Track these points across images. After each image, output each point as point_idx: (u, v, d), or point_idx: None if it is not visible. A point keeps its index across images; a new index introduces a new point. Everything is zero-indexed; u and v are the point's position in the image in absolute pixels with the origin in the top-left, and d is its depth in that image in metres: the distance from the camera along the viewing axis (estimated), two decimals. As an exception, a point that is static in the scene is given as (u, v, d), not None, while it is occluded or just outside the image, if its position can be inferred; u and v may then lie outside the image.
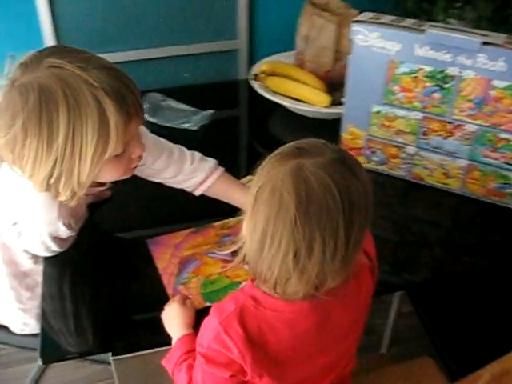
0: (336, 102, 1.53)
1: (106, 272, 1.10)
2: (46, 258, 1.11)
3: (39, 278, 1.19)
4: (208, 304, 1.00)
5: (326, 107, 1.48)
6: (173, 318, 0.94)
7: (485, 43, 1.11)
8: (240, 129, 1.65)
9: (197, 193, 1.15)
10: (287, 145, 0.78)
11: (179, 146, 1.15)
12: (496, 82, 1.13)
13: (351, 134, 1.34)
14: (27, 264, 1.18)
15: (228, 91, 1.79)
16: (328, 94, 1.54)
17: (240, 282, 1.05)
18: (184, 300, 0.96)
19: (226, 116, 1.66)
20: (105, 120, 0.83)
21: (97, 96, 0.82)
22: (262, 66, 1.59)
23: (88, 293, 1.06)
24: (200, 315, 0.95)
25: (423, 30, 1.15)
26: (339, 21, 1.54)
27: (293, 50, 1.71)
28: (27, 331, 1.26)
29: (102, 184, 1.05)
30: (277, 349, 0.81)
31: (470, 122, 1.20)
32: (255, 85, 1.55)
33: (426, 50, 1.16)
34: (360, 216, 0.73)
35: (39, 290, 1.20)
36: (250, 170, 1.26)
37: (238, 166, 1.46)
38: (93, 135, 0.83)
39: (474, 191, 1.28)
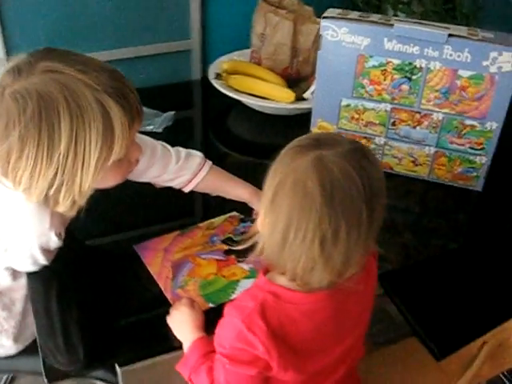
0: (297, 98, 1.56)
1: (95, 281, 1.06)
2: (30, 274, 1.05)
3: (16, 295, 1.13)
4: (211, 305, 0.99)
5: (292, 103, 1.50)
6: (183, 322, 0.92)
7: (450, 35, 1.17)
8: (203, 129, 1.64)
9: (186, 190, 1.13)
10: (302, 138, 0.79)
11: (161, 142, 1.12)
12: (461, 72, 1.20)
13: (321, 128, 1.37)
14: (5, 281, 1.11)
15: (185, 92, 1.77)
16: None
17: (238, 281, 1.05)
18: (192, 303, 0.95)
19: (187, 117, 1.65)
20: (109, 124, 0.80)
21: (100, 99, 0.79)
22: (223, 65, 1.58)
23: (80, 305, 1.01)
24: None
25: (392, 25, 1.20)
26: (295, 17, 1.57)
27: (246, 48, 1.72)
28: (1, 353, 1.19)
29: None
30: (297, 341, 0.81)
31: (437, 111, 1.26)
32: (217, 84, 1.54)
33: (394, 43, 1.21)
34: (379, 201, 0.76)
35: (16, 309, 1.14)
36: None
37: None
38: (97, 141, 0.80)
39: (441, 176, 1.34)
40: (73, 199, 0.85)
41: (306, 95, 1.54)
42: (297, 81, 1.64)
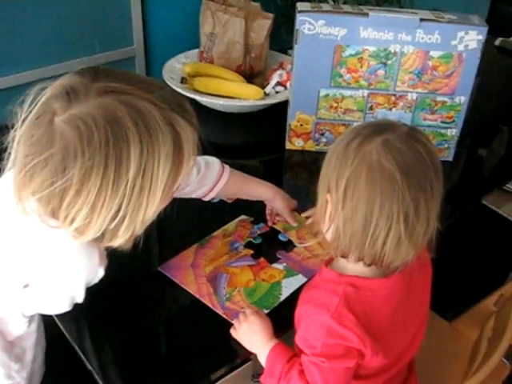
0: (257, 94, 1.56)
1: (132, 310, 1.00)
2: (58, 317, 0.97)
3: (27, 343, 1.03)
4: (266, 311, 0.98)
5: (261, 99, 1.50)
6: (254, 333, 0.90)
7: (421, 20, 1.25)
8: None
9: (206, 199, 1.09)
10: (357, 129, 0.81)
11: None
12: (432, 53, 1.28)
13: (299, 121, 1.39)
14: (19, 330, 1.00)
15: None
16: (250, 86, 1.56)
17: (279, 282, 1.04)
18: (258, 311, 0.93)
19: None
20: (179, 144, 0.74)
21: (169, 119, 0.72)
22: (185, 68, 1.54)
23: (115, 342, 0.96)
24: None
25: (366, 14, 1.25)
26: (245, 14, 1.57)
27: (189, 49, 1.69)
28: (13, 409, 1.08)
29: None
30: (379, 326, 0.84)
31: (411, 92, 1.34)
32: (179, 88, 1.49)
33: (370, 31, 1.26)
34: (440, 171, 0.80)
35: (27, 358, 1.04)
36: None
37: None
38: (165, 164, 0.73)
39: (415, 152, 1.43)
40: (133, 231, 0.77)
41: (267, 90, 1.55)
42: (250, 77, 1.64)
